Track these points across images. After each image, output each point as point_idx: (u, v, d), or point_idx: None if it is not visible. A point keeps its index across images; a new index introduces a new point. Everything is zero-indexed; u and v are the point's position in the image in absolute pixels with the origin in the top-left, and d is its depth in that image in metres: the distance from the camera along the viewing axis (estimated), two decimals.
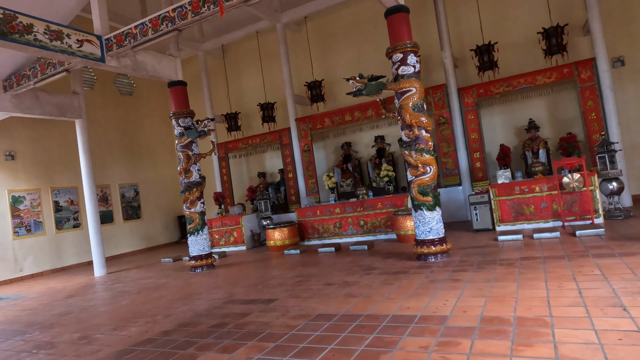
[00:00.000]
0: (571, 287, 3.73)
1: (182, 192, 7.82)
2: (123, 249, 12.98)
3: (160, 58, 7.69)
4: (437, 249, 5.72)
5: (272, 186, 12.53)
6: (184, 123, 7.82)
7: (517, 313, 3.28)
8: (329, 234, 9.22)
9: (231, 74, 13.89)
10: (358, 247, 7.60)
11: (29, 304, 6.98)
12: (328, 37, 12.30)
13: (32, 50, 5.83)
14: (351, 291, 4.72)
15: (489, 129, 10.26)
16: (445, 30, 9.73)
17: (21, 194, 10.74)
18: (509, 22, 10.10)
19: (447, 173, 9.90)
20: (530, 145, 9.24)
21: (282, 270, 6.73)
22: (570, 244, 5.57)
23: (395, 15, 5.97)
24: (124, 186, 13.40)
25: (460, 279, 4.56)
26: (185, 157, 7.79)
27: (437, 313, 3.56)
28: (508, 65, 9.89)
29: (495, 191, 7.54)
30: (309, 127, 11.54)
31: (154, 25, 6.26)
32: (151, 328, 4.40)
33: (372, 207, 8.71)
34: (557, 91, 9.35)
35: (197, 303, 5.25)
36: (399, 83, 5.84)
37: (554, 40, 8.86)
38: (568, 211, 7.03)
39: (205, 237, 7.88)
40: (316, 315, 3.98)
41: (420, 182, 5.80)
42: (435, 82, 10.64)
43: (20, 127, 10.85)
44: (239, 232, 10.31)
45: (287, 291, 5.17)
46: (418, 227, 5.88)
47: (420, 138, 5.80)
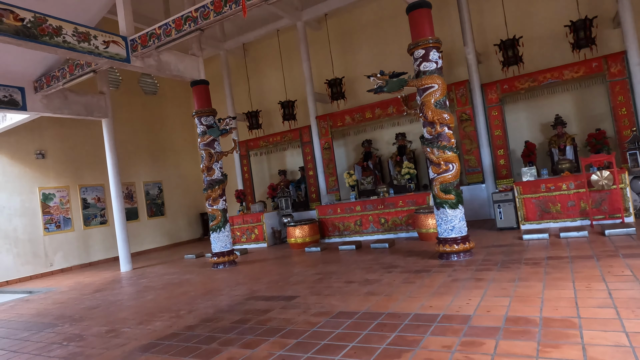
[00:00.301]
0: (600, 288, 3.63)
1: (205, 190, 7.94)
2: (148, 245, 13.27)
3: (183, 58, 7.81)
4: (460, 248, 5.64)
5: (293, 184, 12.58)
6: (206, 121, 7.93)
7: (543, 313, 3.21)
8: (349, 231, 9.21)
9: (252, 72, 14.00)
10: (379, 245, 7.56)
11: (59, 298, 7.22)
12: (349, 34, 12.25)
13: (61, 52, 6.01)
14: (372, 289, 4.70)
15: (513, 126, 10.03)
16: (468, 25, 9.55)
17: (51, 191, 11.11)
18: (534, 15, 9.83)
19: (470, 170, 9.74)
20: (557, 141, 9.00)
21: (303, 267, 6.76)
22: (599, 244, 5.40)
23: (417, 10, 5.90)
24: (149, 184, 13.69)
25: (483, 278, 4.48)
26: (208, 155, 7.89)
27: (460, 312, 3.51)
28: (533, 60, 9.64)
29: (520, 189, 7.38)
30: (329, 125, 11.53)
31: (177, 26, 6.37)
32: (175, 323, 4.50)
33: (393, 205, 8.65)
34: (585, 86, 9.06)
35: (219, 299, 5.33)
36: (421, 79, 5.77)
37: (582, 33, 8.58)
38: (597, 210, 6.82)
39: (227, 234, 7.98)
40: (337, 313, 3.98)
41: (442, 180, 5.73)
42: (457, 78, 10.47)
43: (50, 127, 11.22)
44: (260, 229, 10.40)
45: (308, 288, 5.19)
46: (440, 225, 5.81)
47: (442, 135, 5.73)
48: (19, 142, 10.62)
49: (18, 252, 10.30)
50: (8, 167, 10.43)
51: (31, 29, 5.56)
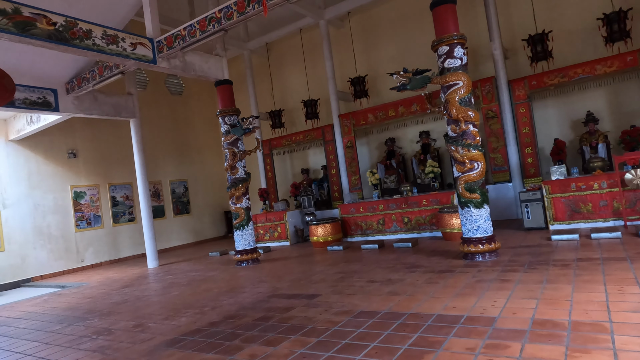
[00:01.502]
0: (634, 292, 3.48)
1: (228, 188, 8.05)
2: (174, 242, 13.56)
3: (207, 58, 7.93)
4: (485, 248, 5.52)
5: (316, 182, 12.61)
6: (229, 121, 8.03)
7: (572, 317, 3.10)
8: (372, 230, 9.16)
9: (275, 71, 14.09)
10: (402, 245, 7.49)
11: (89, 293, 7.46)
12: (372, 32, 12.17)
13: (91, 54, 6.21)
14: (394, 289, 4.66)
15: (542, 123, 9.74)
16: (494, 20, 9.32)
17: (82, 189, 11.50)
18: (564, 8, 9.51)
19: (496, 169, 9.52)
20: (588, 139, 8.69)
21: (325, 266, 6.76)
22: (633, 245, 5.18)
23: (441, 6, 5.79)
24: (174, 182, 13.98)
25: (509, 280, 4.37)
26: (231, 154, 7.99)
27: (485, 314, 3.43)
28: (563, 55, 9.33)
29: (548, 188, 7.16)
30: (352, 123, 11.49)
31: (202, 27, 6.47)
32: (199, 319, 4.57)
33: (416, 204, 8.55)
34: (618, 81, 8.71)
35: (242, 296, 5.39)
36: (445, 76, 5.67)
37: (616, 26, 8.26)
38: (631, 210, 6.54)
39: (250, 232, 8.07)
40: (359, 312, 3.96)
41: (467, 179, 5.62)
42: (483, 74, 10.24)
43: (81, 127, 11.60)
44: (283, 227, 10.46)
45: (329, 287, 5.19)
46: (465, 224, 5.70)
47: (467, 133, 5.61)
48: (52, 142, 11.03)
49: (51, 248, 10.70)
50: (42, 166, 10.85)
51: (63, 33, 5.76)
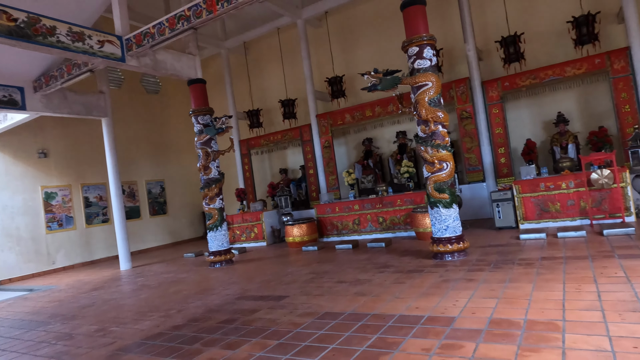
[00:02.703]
0: (590, 290, 3.54)
1: (202, 189, 7.94)
2: (149, 243, 13.34)
3: (179, 56, 7.81)
4: (454, 248, 5.57)
5: (294, 182, 12.56)
6: (203, 120, 7.93)
7: (528, 316, 3.14)
8: (347, 230, 9.16)
9: (253, 71, 13.98)
10: (375, 245, 7.50)
11: (56, 296, 7.27)
12: (349, 32, 12.18)
13: (55, 52, 6.03)
14: (362, 289, 4.66)
15: (515, 123, 9.89)
16: (468, 22, 9.42)
17: (53, 190, 11.21)
18: (536, 11, 9.67)
19: (471, 169, 9.63)
20: (559, 139, 8.86)
21: (298, 266, 6.73)
22: (597, 244, 5.29)
23: (412, 7, 5.82)
24: (151, 182, 13.76)
25: (474, 279, 4.41)
26: (205, 154, 7.89)
27: (446, 314, 3.45)
28: (535, 57, 9.48)
29: (519, 188, 7.27)
30: (329, 123, 11.48)
31: (171, 25, 6.36)
32: (164, 322, 4.49)
33: (391, 204, 8.58)
34: (587, 83, 8.90)
35: (210, 298, 5.32)
36: (415, 77, 5.70)
37: (585, 29, 8.43)
38: (597, 209, 6.69)
39: (224, 233, 7.98)
40: (323, 314, 3.94)
41: (436, 179, 5.65)
42: (458, 75, 10.35)
43: (52, 126, 11.31)
44: (260, 228, 10.39)
45: (299, 288, 5.16)
46: (434, 224, 5.74)
47: (436, 133, 5.65)
48: (21, 141, 10.72)
49: (20, 251, 10.40)
50: (11, 167, 10.53)
51: (24, 29, 5.58)
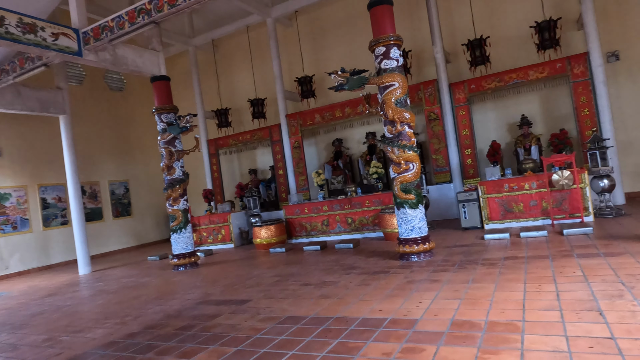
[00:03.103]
0: (549, 289, 3.58)
1: (165, 190, 7.68)
2: (112, 246, 12.84)
3: (142, 52, 7.51)
4: (420, 248, 5.56)
5: (263, 183, 12.38)
6: (166, 119, 7.66)
7: (489, 317, 3.12)
8: (316, 231, 9.07)
9: (222, 69, 13.72)
10: (343, 246, 7.44)
11: (6, 303, 6.84)
12: (320, 32, 12.11)
13: (3, 44, 5.67)
14: (327, 292, 4.57)
15: (481, 125, 10.08)
16: (436, 24, 9.52)
17: (7, 190, 10.61)
18: (502, 15, 9.89)
19: (438, 170, 9.73)
20: (523, 141, 9.07)
21: (264, 269, 6.58)
22: (557, 243, 5.40)
23: (379, 7, 5.79)
24: (114, 183, 13.26)
25: (438, 280, 4.40)
26: (168, 154, 7.63)
27: (408, 316, 3.40)
28: (501, 60, 9.69)
29: (484, 188, 7.37)
30: (299, 124, 11.37)
31: (131, 18, 6.09)
32: (118, 330, 4.26)
33: (359, 204, 8.55)
34: (550, 86, 9.15)
35: (170, 303, 5.11)
36: (382, 77, 5.66)
37: (547, 34, 8.67)
38: (557, 209, 6.86)
39: (188, 235, 7.73)
40: (285, 318, 3.83)
41: (402, 180, 5.64)
42: (427, 77, 10.45)
43: (6, 123, 10.70)
44: (227, 229, 10.16)
45: (262, 291, 5.02)
46: (400, 225, 5.72)
47: (403, 134, 5.64)
48: None
49: None
50: None
51: None
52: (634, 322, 2.68)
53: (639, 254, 4.34)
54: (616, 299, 3.15)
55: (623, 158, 8.65)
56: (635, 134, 8.77)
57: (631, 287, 3.36)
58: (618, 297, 3.16)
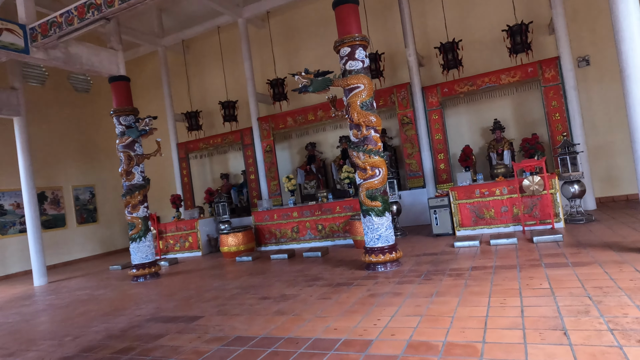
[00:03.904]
0: (514, 304, 3.36)
1: (123, 196, 7.26)
2: (76, 254, 12.26)
3: (98, 51, 7.10)
4: (387, 258, 5.32)
5: (235, 188, 12.01)
6: (125, 121, 7.27)
7: (448, 337, 2.88)
8: (286, 239, 8.76)
9: (193, 71, 13.32)
10: (311, 254, 7.16)
11: None
12: (293, 33, 11.85)
13: None
14: (284, 307, 4.27)
15: (455, 130, 9.96)
16: (409, 27, 9.37)
17: None
18: (475, 19, 9.81)
19: (412, 175, 9.55)
20: (495, 146, 8.97)
21: (226, 280, 6.24)
22: (526, 251, 5.24)
23: (344, 6, 5.56)
24: (79, 188, 12.68)
25: (402, 293, 4.16)
26: (127, 158, 7.23)
27: (363, 336, 3.14)
28: (474, 64, 9.60)
29: (455, 194, 7.20)
30: (271, 127, 11.06)
31: (80, 13, 5.70)
32: (51, 353, 3.87)
33: (330, 210, 8.29)
34: (521, 91, 9.09)
35: (118, 320, 4.73)
36: (347, 79, 5.42)
37: (519, 38, 8.60)
38: (528, 215, 6.73)
39: (148, 244, 7.33)
40: (233, 339, 3.52)
41: (368, 186, 5.40)
42: (400, 80, 10.30)
43: None
44: (195, 237, 9.76)
45: (218, 306, 4.69)
46: (367, 234, 5.48)
47: (368, 138, 5.40)
48: None
49: None
50: None
51: None
52: (598, 344, 2.47)
53: (607, 263, 4.18)
54: (582, 315, 2.95)
55: (594, 163, 8.63)
56: (606, 139, 8.76)
57: (598, 301, 3.17)
58: (584, 314, 2.97)
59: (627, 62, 4.29)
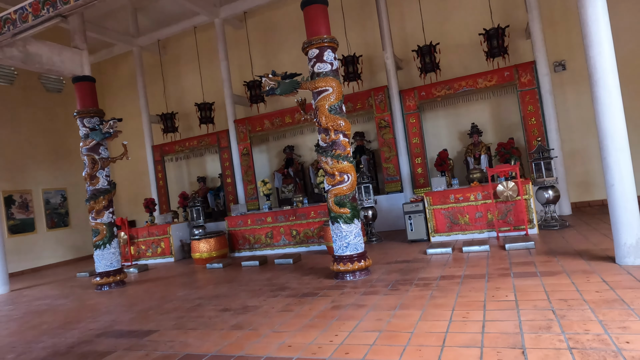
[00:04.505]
0: (476, 319, 3.22)
1: (87, 201, 6.98)
2: (46, 260, 11.83)
3: (60, 50, 6.82)
4: (355, 267, 5.16)
5: (211, 192, 11.75)
6: (89, 123, 6.99)
7: (403, 357, 2.72)
8: (260, 245, 8.55)
9: (170, 71, 13.03)
10: (283, 261, 6.96)
11: None
12: (271, 34, 11.65)
13: None
14: (243, 320, 4.07)
15: (433, 134, 9.88)
16: (386, 29, 9.26)
17: None
18: (453, 23, 9.75)
19: (389, 179, 9.42)
20: (473, 150, 8.90)
21: (192, 289, 6.01)
22: (497, 259, 5.13)
23: (312, 6, 5.41)
24: (50, 191, 12.26)
25: (365, 305, 3.99)
26: (91, 162, 6.95)
27: (317, 355, 2.96)
28: (452, 68, 9.54)
29: (430, 199, 7.08)
30: (248, 129, 10.84)
31: (35, 10, 5.42)
32: None
33: (304, 216, 8.11)
34: (498, 95, 9.03)
35: (69, 335, 4.46)
36: (315, 82, 5.26)
37: (496, 42, 8.55)
38: (503, 221, 6.64)
39: (113, 252, 7.04)
40: (182, 357, 3.31)
41: (337, 192, 5.23)
42: (379, 84, 10.17)
43: None
44: (167, 242, 9.48)
45: (176, 319, 4.47)
46: (335, 241, 5.31)
47: (337, 143, 5.24)
48: None
49: None
50: None
51: None
52: None
53: (575, 273, 4.08)
54: (543, 331, 2.81)
55: (570, 168, 8.62)
56: (581, 144, 8.76)
57: (561, 315, 3.04)
58: (545, 329, 2.83)
59: (595, 67, 4.20)
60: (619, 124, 4.12)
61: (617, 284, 3.59)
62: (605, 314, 2.97)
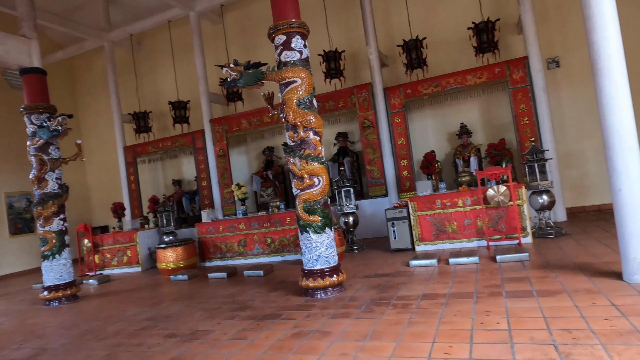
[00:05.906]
0: (460, 355, 2.60)
1: (34, 207, 6.26)
2: (8, 268, 11.03)
3: (4, 39, 6.12)
4: (327, 282, 4.52)
5: (187, 195, 11.05)
6: (37, 120, 6.28)
7: None
8: (232, 253, 7.88)
9: (144, 68, 12.35)
10: (253, 273, 6.31)
11: None
12: (250, 29, 11.02)
13: None
14: (187, 350, 3.41)
15: (420, 134, 9.30)
16: (370, 23, 8.67)
17: None
18: (441, 17, 9.20)
19: (373, 182, 8.81)
20: (462, 152, 8.34)
21: (145, 306, 5.32)
22: (487, 274, 4.52)
23: None
24: (13, 195, 11.47)
25: (331, 332, 3.36)
26: (39, 163, 6.23)
27: None
28: (440, 64, 8.98)
29: (414, 205, 6.48)
30: (224, 129, 10.17)
31: None
32: None
33: (280, 222, 7.46)
34: (489, 93, 8.49)
35: None
36: (281, 72, 4.63)
37: (485, 36, 8.01)
38: (493, 229, 6.05)
39: (64, 263, 6.33)
40: None
41: (306, 197, 4.59)
42: (364, 80, 9.59)
43: None
44: (134, 250, 8.76)
45: (111, 347, 3.79)
46: (304, 254, 4.67)
47: (306, 141, 4.61)
48: None
49: None
50: None
51: None
52: None
53: (578, 293, 3.48)
54: None
55: (564, 171, 8.09)
56: (576, 145, 8.23)
57: (566, 354, 2.43)
58: None
59: (598, 54, 3.63)
60: (628, 119, 3.54)
61: (629, 309, 3.00)
62: (620, 353, 2.37)
